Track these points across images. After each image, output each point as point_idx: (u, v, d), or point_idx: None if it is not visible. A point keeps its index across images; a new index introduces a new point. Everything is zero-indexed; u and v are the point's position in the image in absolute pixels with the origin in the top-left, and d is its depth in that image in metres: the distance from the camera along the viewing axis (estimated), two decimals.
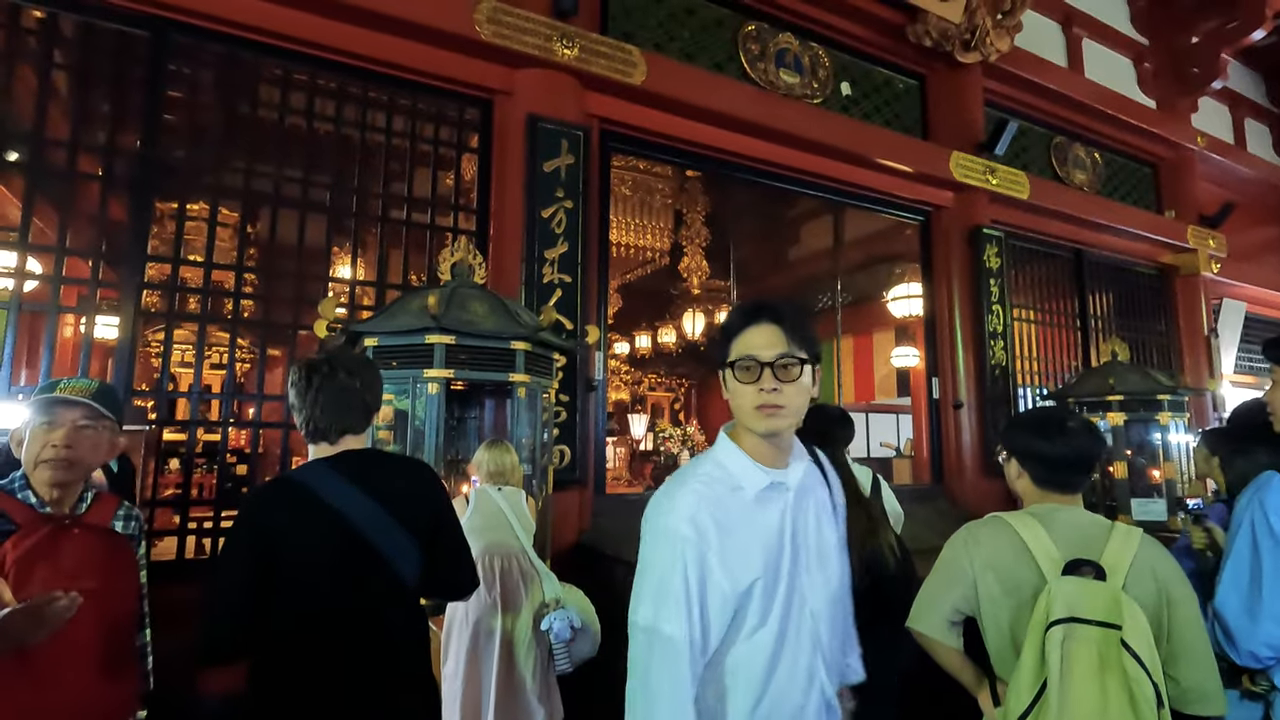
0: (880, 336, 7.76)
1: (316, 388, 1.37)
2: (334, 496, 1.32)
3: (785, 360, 1.02)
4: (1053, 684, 1.13)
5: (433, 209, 3.49)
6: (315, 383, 1.38)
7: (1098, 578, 1.18)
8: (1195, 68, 6.02)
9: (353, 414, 1.41)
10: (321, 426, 1.38)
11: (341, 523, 1.31)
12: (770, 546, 1.02)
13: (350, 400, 1.40)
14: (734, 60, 4.18)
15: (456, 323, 2.40)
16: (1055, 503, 1.32)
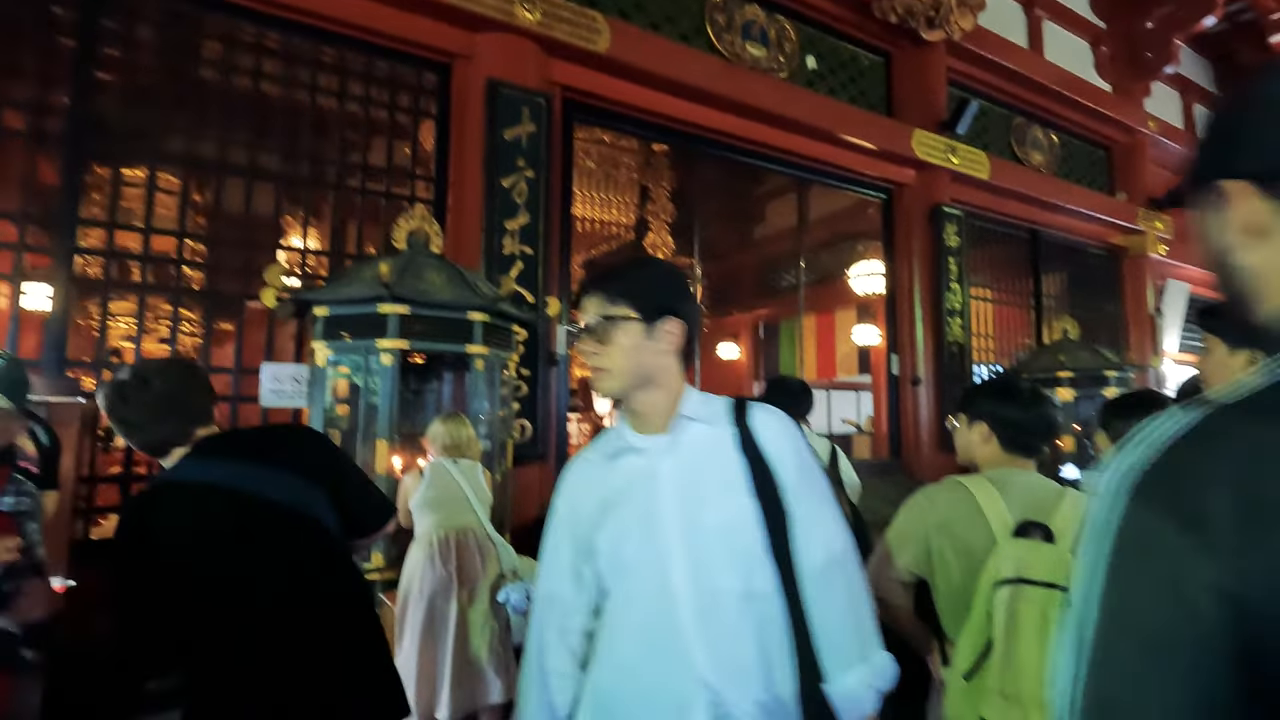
0: (842, 314, 7.83)
1: (136, 399, 1.27)
2: (220, 477, 1.26)
3: (598, 323, 1.00)
4: (998, 643, 1.15)
5: (389, 177, 3.38)
6: (130, 396, 1.27)
7: (1046, 540, 1.20)
8: (1149, 52, 6.15)
9: (189, 414, 1.32)
10: (164, 437, 1.30)
11: (240, 495, 1.25)
12: (620, 517, 0.98)
13: (179, 403, 1.30)
14: (700, 32, 4.11)
15: (411, 292, 2.33)
16: (1015, 467, 1.35)
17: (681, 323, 1.04)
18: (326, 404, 2.44)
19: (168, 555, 1.19)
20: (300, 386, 2.74)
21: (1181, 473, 0.49)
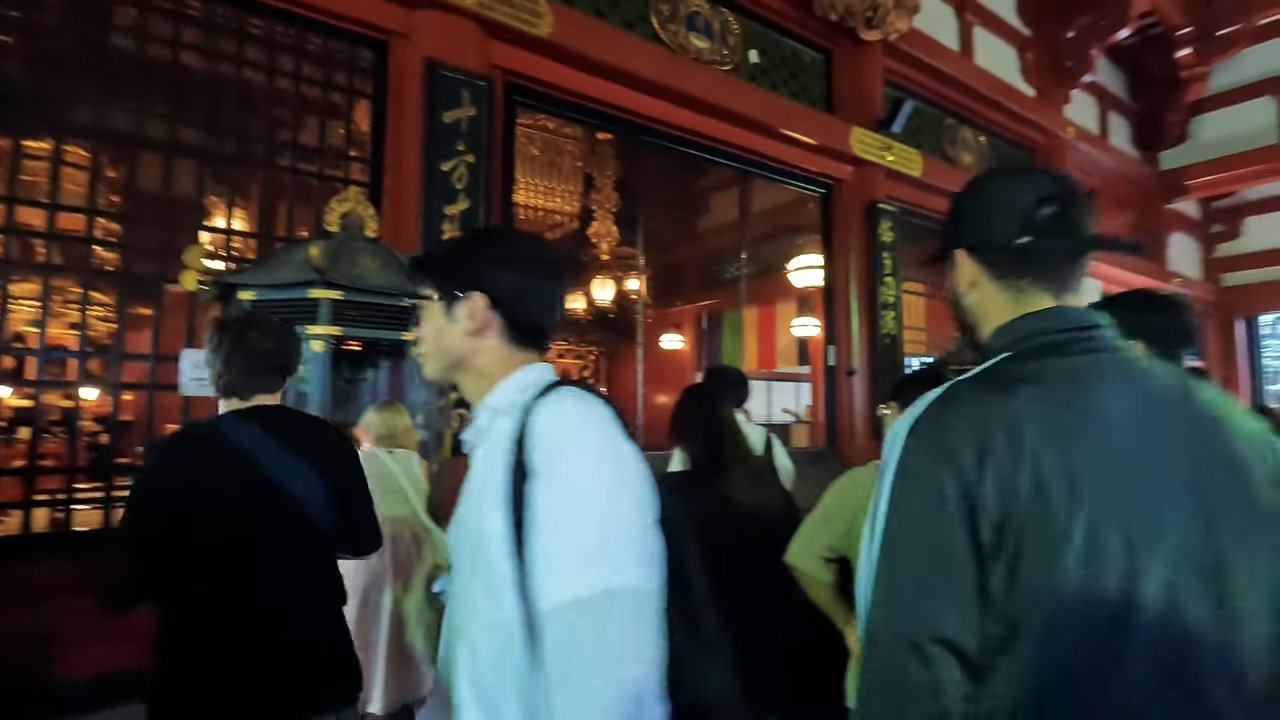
0: (783, 306, 8.01)
1: (227, 347, 1.45)
2: (247, 443, 1.40)
3: (418, 306, 0.99)
4: None
5: (321, 157, 3.26)
6: (225, 342, 1.46)
7: None
8: (1069, 61, 6.48)
9: (264, 374, 1.49)
10: (232, 383, 1.47)
11: (255, 467, 1.38)
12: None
13: (261, 361, 1.47)
14: (645, 20, 4.11)
15: (344, 277, 2.26)
16: None
17: (484, 297, 0.93)
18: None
19: (171, 490, 1.35)
20: None
21: (937, 423, 0.79)
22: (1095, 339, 0.83)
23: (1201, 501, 0.74)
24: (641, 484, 0.83)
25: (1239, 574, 0.73)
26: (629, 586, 0.76)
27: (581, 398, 0.87)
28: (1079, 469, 0.73)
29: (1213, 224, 8.88)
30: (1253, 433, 0.79)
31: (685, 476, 1.81)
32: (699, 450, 1.80)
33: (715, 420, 1.81)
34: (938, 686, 0.72)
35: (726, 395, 2.05)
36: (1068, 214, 0.84)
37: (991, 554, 0.73)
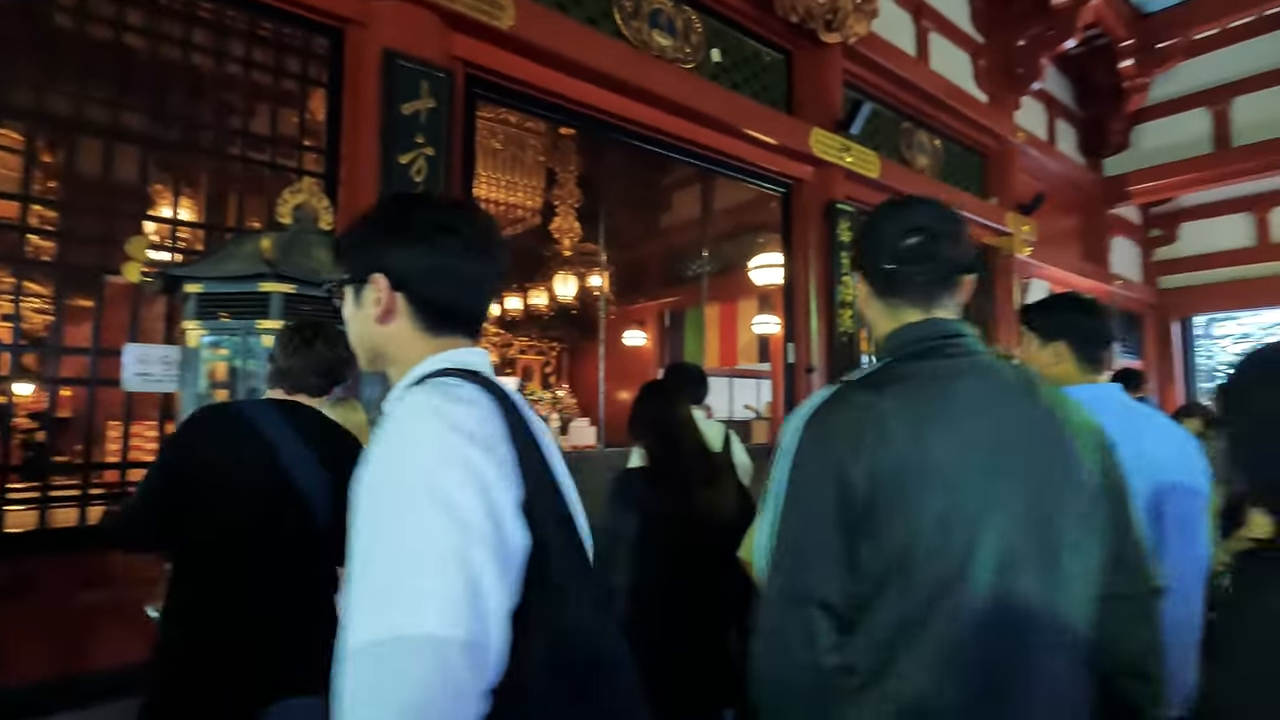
0: (744, 304, 8.10)
1: (293, 348, 1.63)
2: (269, 429, 1.51)
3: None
4: None
5: (274, 146, 3.17)
6: (294, 344, 1.63)
7: None
8: (1020, 68, 6.69)
9: (317, 379, 1.65)
10: (284, 380, 1.63)
11: (270, 453, 1.49)
12: None
13: (320, 367, 1.64)
14: (608, 16, 4.09)
15: (297, 270, 2.20)
16: None
17: (385, 278, 0.83)
18: (200, 388, 2.28)
19: (186, 457, 1.49)
20: (170, 369, 2.53)
21: (824, 419, 0.95)
22: (958, 345, 0.98)
23: (1032, 480, 0.89)
24: (488, 511, 0.68)
25: (1062, 539, 0.88)
26: (428, 634, 0.61)
27: (441, 393, 0.74)
28: (931, 455, 0.88)
29: (1151, 229, 9.29)
30: (1080, 422, 0.95)
31: (642, 473, 1.82)
32: (656, 447, 1.82)
33: (673, 417, 1.83)
34: (812, 639, 0.88)
35: (685, 392, 2.07)
36: (928, 245, 1.00)
37: (860, 528, 0.89)
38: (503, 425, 0.75)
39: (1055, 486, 0.90)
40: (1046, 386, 0.97)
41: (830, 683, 0.87)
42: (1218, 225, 8.71)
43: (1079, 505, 0.91)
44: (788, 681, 0.89)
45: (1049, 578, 0.87)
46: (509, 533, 0.69)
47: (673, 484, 1.70)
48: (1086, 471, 0.92)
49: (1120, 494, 0.95)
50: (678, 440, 1.78)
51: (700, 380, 2.38)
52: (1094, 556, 0.91)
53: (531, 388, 9.23)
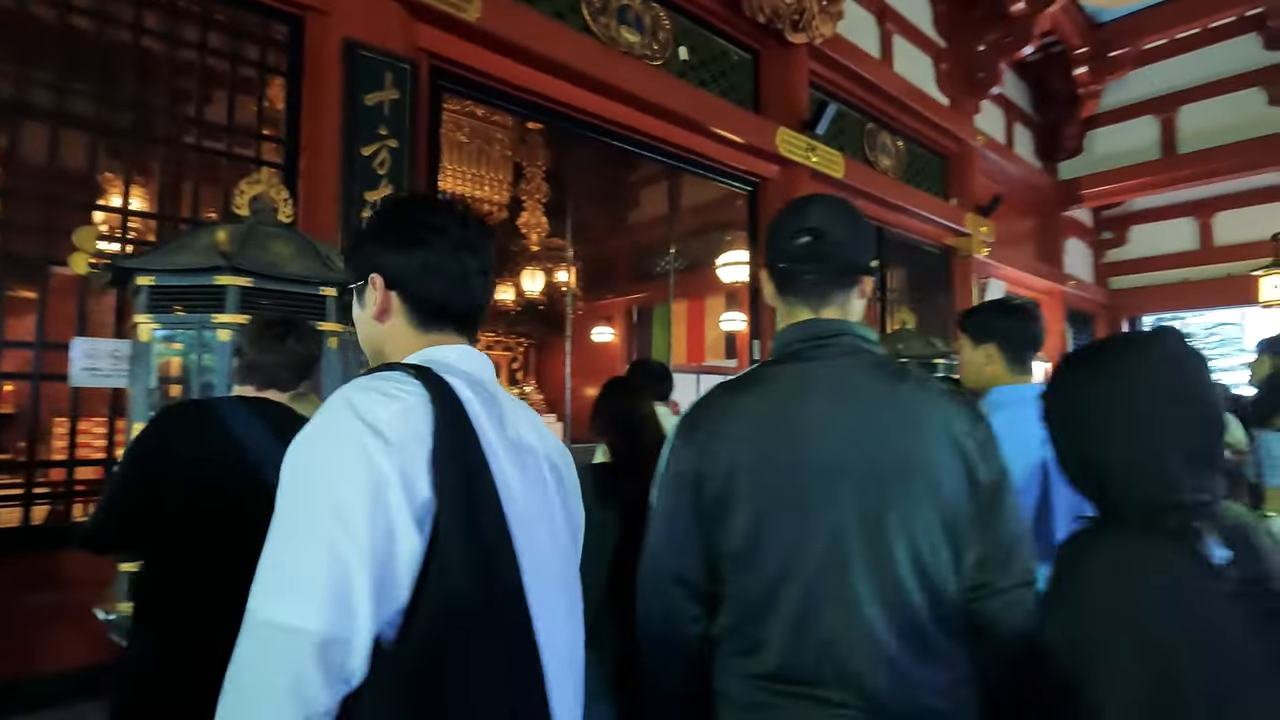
0: (712, 301, 8.14)
1: (266, 344, 1.59)
2: (239, 426, 1.50)
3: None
4: None
5: (230, 135, 3.08)
6: (266, 340, 1.59)
7: None
8: (980, 73, 6.86)
9: (288, 374, 1.63)
10: (255, 376, 1.60)
11: (239, 451, 1.48)
12: None
13: (291, 362, 1.62)
14: (575, 11, 4.08)
15: (255, 263, 2.15)
16: None
17: (380, 278, 0.87)
18: (152, 384, 2.21)
19: (156, 456, 1.46)
20: (120, 364, 2.45)
21: (694, 415, 1.05)
22: (832, 344, 1.02)
23: (872, 478, 0.94)
24: (375, 510, 0.69)
25: (896, 534, 0.93)
26: (285, 624, 0.65)
27: (369, 387, 0.76)
28: (776, 453, 0.96)
29: (1103, 231, 9.61)
30: (944, 424, 0.97)
31: (605, 469, 1.84)
32: (618, 443, 1.83)
33: (636, 413, 1.85)
34: (674, 614, 1.00)
35: (648, 388, 2.08)
36: (819, 245, 1.02)
37: (714, 517, 0.98)
38: (429, 424, 0.74)
39: (897, 485, 0.94)
40: (918, 388, 0.99)
41: (696, 650, 1.01)
42: (1164, 229, 9.06)
43: (924, 502, 0.94)
44: (658, 650, 1.03)
45: (879, 570, 0.92)
46: (397, 535, 0.70)
47: (635, 479, 1.71)
48: (944, 471, 0.95)
49: (990, 491, 0.96)
50: (640, 436, 1.79)
51: (664, 376, 2.39)
52: (940, 549, 0.94)
53: (498, 383, 9.14)
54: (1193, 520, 0.87)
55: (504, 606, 0.75)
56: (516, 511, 0.80)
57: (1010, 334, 1.77)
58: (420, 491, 0.71)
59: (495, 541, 0.76)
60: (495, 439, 0.82)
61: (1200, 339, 17.35)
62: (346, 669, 0.67)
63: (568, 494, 0.95)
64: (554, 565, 0.87)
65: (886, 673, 0.91)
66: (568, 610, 0.89)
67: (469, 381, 0.85)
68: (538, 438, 0.92)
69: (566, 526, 0.92)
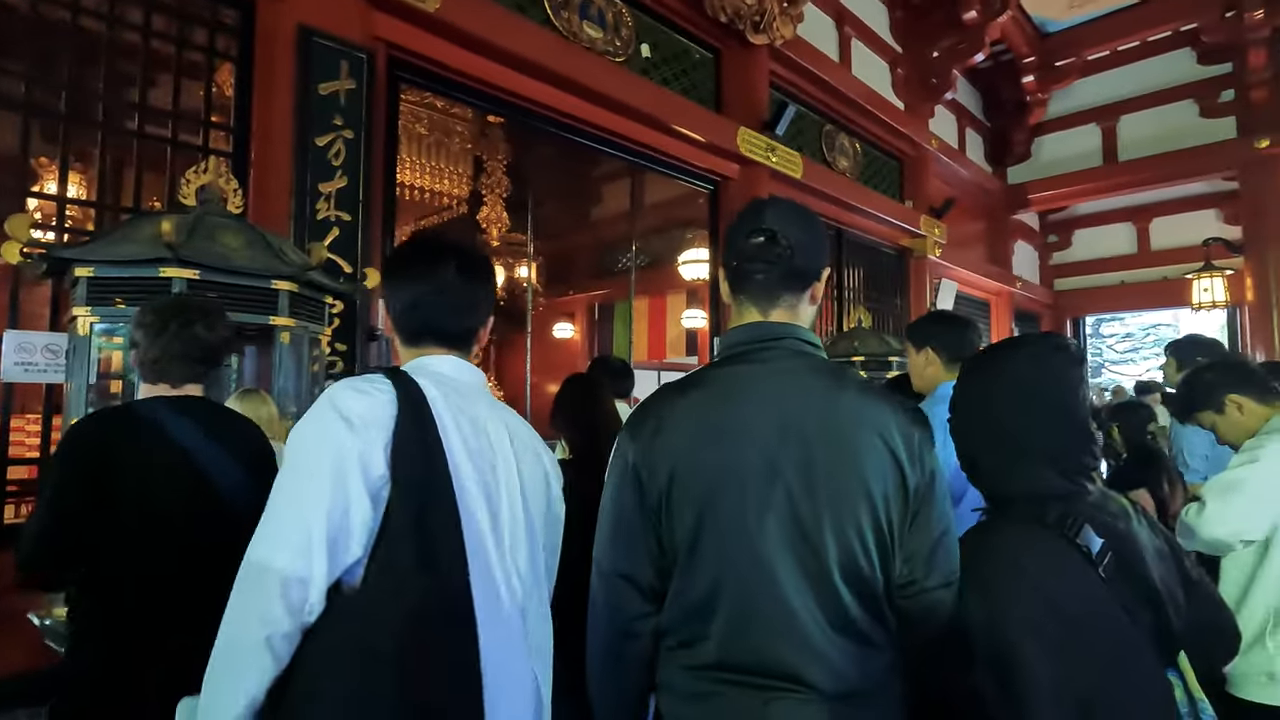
0: (673, 298, 8.19)
1: (170, 334, 1.48)
2: (178, 433, 1.44)
3: None
4: None
5: (176, 121, 2.97)
6: (169, 329, 1.48)
7: None
8: (934, 79, 7.04)
9: (199, 365, 1.53)
10: (166, 370, 1.50)
11: (186, 459, 1.43)
12: None
13: (200, 352, 1.52)
14: (537, 4, 4.05)
15: (202, 255, 2.08)
16: None
17: (385, 307, 1.18)
18: (91, 380, 2.12)
19: (96, 470, 1.38)
20: (56, 359, 2.35)
21: (640, 414, 1.06)
22: (775, 348, 1.05)
23: (803, 480, 0.97)
24: (337, 479, 0.89)
25: (825, 530, 0.96)
26: (263, 563, 0.88)
27: (349, 384, 0.98)
28: (709, 452, 0.99)
29: (1049, 234, 9.97)
30: (882, 430, 0.99)
31: (564, 465, 1.84)
32: (578, 439, 1.84)
33: (596, 410, 1.85)
34: (618, 607, 1.03)
35: (609, 385, 2.09)
36: (771, 247, 1.05)
37: (657, 511, 1.01)
38: (391, 415, 0.94)
39: (832, 487, 0.98)
40: (856, 392, 1.03)
41: (641, 645, 1.03)
42: (1105, 233, 9.45)
43: (858, 504, 0.98)
44: (605, 645, 1.06)
45: (813, 570, 0.97)
46: (352, 501, 0.89)
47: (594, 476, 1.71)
48: (877, 475, 0.99)
49: (920, 494, 1.01)
50: (599, 433, 1.80)
51: (625, 374, 2.40)
52: (871, 550, 0.98)
53: None
54: (1071, 512, 0.97)
55: (442, 569, 0.92)
56: (466, 490, 0.98)
57: (944, 340, 1.98)
58: (376, 468, 0.91)
59: (441, 514, 0.93)
60: (455, 430, 1.01)
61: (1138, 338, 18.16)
62: (305, 602, 0.87)
63: (540, 484, 1.15)
64: (519, 538, 1.07)
65: (820, 663, 0.95)
66: (531, 581, 1.09)
67: (441, 382, 1.04)
68: (508, 433, 1.10)
69: (531, 513, 1.10)
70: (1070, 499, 1.01)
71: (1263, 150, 7.26)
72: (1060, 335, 1.10)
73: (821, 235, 1.13)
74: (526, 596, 1.07)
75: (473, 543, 0.97)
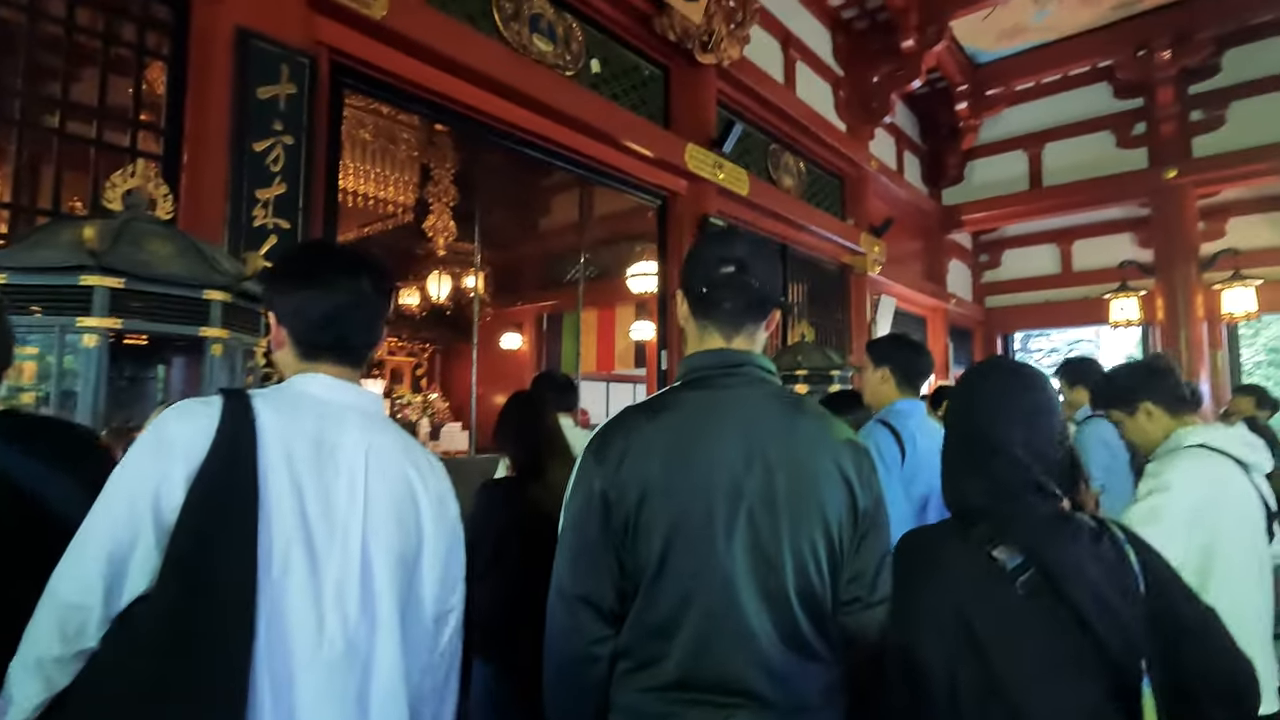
0: (622, 310, 8.22)
1: None
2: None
3: None
4: None
5: (102, 120, 2.84)
6: None
7: None
8: (874, 103, 7.31)
9: None
10: None
11: (7, 482, 1.17)
12: None
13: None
14: (487, 16, 4.04)
15: (128, 262, 1.99)
16: None
17: (274, 315, 1.10)
18: (1, 391, 2.00)
19: None
20: None
21: (603, 438, 1.09)
22: (737, 374, 1.10)
23: (766, 505, 1.01)
24: (130, 519, 0.89)
25: (784, 553, 1.01)
26: (52, 588, 0.89)
27: (178, 405, 0.97)
28: (679, 475, 1.02)
29: (981, 254, 10.45)
30: (836, 457, 1.06)
31: (505, 483, 1.83)
32: (519, 456, 1.83)
33: (537, 426, 1.85)
34: (579, 631, 1.04)
35: (552, 401, 2.10)
36: (740, 277, 1.10)
37: (621, 537, 1.03)
38: (207, 442, 0.91)
39: (791, 512, 1.03)
40: (813, 420, 1.10)
41: (600, 669, 1.05)
42: (1032, 253, 9.96)
43: (815, 528, 1.04)
44: (563, 669, 1.07)
45: (771, 592, 1.01)
46: (139, 538, 0.88)
47: (534, 493, 1.71)
48: (831, 500, 1.05)
49: (868, 517, 1.08)
50: (541, 450, 1.80)
51: (568, 388, 2.41)
52: (825, 571, 1.04)
53: (401, 391, 8.83)
54: (998, 529, 1.03)
55: (212, 614, 0.87)
56: (278, 524, 0.93)
57: (900, 360, 2.14)
58: (173, 498, 0.89)
59: (229, 552, 0.88)
60: (283, 460, 0.95)
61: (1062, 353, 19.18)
62: (81, 633, 0.87)
63: (405, 509, 1.05)
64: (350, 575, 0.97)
65: (774, 681, 1.00)
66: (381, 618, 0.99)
67: (297, 404, 1.00)
68: (365, 459, 1.02)
69: (373, 549, 1.00)
70: (1006, 516, 1.06)
71: (1171, 180, 7.80)
72: (1004, 358, 1.19)
73: (778, 267, 1.22)
74: (370, 636, 0.97)
75: (277, 584, 0.90)
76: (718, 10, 5.09)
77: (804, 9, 6.80)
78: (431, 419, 8.25)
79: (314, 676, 0.90)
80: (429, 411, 8.39)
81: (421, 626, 1.06)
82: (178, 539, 0.88)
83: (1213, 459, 1.73)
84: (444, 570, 1.09)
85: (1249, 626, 1.57)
